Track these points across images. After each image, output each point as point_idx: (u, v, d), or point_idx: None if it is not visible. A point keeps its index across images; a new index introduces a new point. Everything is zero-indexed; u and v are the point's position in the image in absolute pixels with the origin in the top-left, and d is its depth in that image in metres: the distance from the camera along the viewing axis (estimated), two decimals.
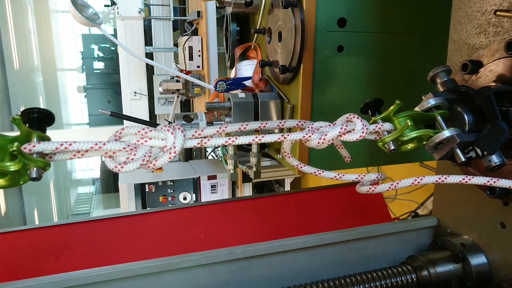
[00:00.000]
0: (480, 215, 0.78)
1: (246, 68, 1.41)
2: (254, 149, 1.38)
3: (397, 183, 0.61)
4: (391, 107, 0.59)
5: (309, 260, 0.84)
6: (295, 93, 1.18)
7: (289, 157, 0.62)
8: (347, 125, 0.57)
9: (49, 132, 0.47)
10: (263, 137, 0.54)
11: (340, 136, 0.57)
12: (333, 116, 1.22)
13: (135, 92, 3.71)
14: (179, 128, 0.51)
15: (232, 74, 1.51)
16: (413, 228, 0.90)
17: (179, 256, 0.74)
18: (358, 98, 1.20)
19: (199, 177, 3.24)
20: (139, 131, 0.49)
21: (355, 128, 0.57)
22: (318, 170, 0.63)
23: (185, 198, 3.22)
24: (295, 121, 0.61)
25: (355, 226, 0.89)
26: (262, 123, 0.58)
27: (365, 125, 0.57)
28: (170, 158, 0.50)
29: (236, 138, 0.53)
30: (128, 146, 0.49)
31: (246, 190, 3.38)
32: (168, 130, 0.50)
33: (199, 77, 2.73)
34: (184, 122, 1.21)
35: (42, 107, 0.48)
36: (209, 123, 1.25)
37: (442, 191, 0.90)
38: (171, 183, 3.19)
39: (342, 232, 0.85)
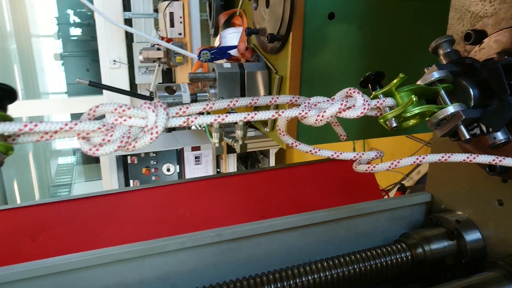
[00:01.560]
0: (477, 192, 0.76)
1: (231, 37, 1.34)
2: (240, 121, 1.33)
3: (398, 162, 0.57)
4: (394, 81, 0.54)
5: (299, 239, 0.81)
6: (284, 64, 1.12)
7: (283, 135, 0.57)
8: (347, 101, 0.52)
9: (26, 102, 0.42)
10: (255, 114, 0.49)
11: (340, 112, 0.52)
12: (323, 89, 1.17)
13: (114, 61, 3.57)
14: (161, 105, 0.45)
15: (216, 43, 1.43)
16: (406, 204, 0.88)
17: (164, 239, 0.70)
18: (350, 68, 1.15)
19: (183, 148, 3.18)
20: (116, 109, 0.44)
21: (356, 104, 0.52)
22: (314, 149, 0.59)
23: (168, 170, 3.17)
24: (288, 97, 0.56)
25: (346, 203, 0.86)
26: (253, 99, 0.53)
27: (367, 101, 0.52)
28: (151, 139, 0.45)
29: (226, 116, 0.48)
30: (104, 126, 0.43)
31: (231, 161, 3.34)
32: (149, 107, 0.45)
33: (181, 45, 2.62)
34: (167, 94, 1.14)
35: (17, 75, 0.41)
36: (193, 95, 1.19)
37: (436, 167, 0.88)
38: (154, 155, 3.13)
39: (333, 210, 0.81)
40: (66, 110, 4.77)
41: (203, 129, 3.41)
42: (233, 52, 1.28)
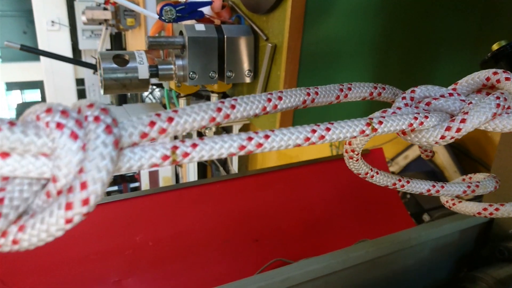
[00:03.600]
0: None
1: None
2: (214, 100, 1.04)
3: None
4: None
5: None
6: (279, 27, 0.83)
7: (356, 160, 0.29)
8: (504, 98, 0.25)
9: None
10: (336, 129, 0.20)
11: (492, 119, 0.25)
12: (327, 61, 0.89)
13: (53, 22, 3.06)
14: (96, 118, 0.16)
15: None
16: (457, 229, 0.63)
17: None
18: (362, 35, 0.88)
19: None
20: None
21: None
22: (400, 180, 0.31)
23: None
24: (367, 86, 0.28)
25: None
26: (312, 88, 0.24)
27: None
28: (68, 221, 0.15)
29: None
30: None
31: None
32: (59, 126, 0.15)
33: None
34: (116, 66, 0.82)
35: None
36: (153, 68, 0.87)
37: (502, 174, 0.64)
38: None
39: (370, 247, 0.56)
40: None
41: (158, 101, 3.04)
42: (206, 10, 0.96)
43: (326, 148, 2.20)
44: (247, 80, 0.92)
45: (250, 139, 0.19)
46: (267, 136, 0.20)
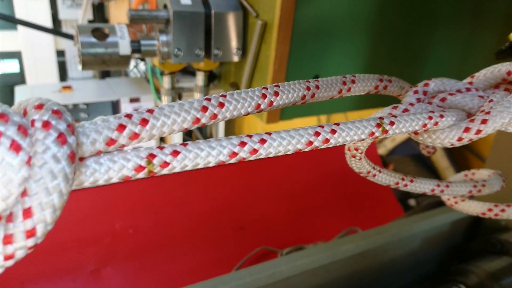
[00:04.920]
0: None
1: None
2: (200, 81, 1.00)
3: None
4: None
5: (309, 282, 0.53)
6: (270, 3, 0.78)
7: (359, 158, 0.26)
8: None
9: None
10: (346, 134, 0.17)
11: None
12: (319, 42, 0.85)
13: None
14: (46, 126, 0.12)
15: None
16: (448, 221, 0.62)
17: None
18: (356, 15, 0.84)
19: (119, 99, 2.72)
20: None
21: None
22: (404, 179, 0.29)
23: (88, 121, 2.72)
24: (372, 78, 0.25)
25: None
26: (314, 82, 0.20)
27: None
28: (11, 257, 0.12)
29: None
30: None
31: None
32: None
33: None
34: (94, 41, 0.77)
35: None
36: (135, 43, 0.82)
37: (495, 165, 0.62)
38: (85, 106, 2.65)
39: (360, 240, 0.54)
40: None
41: (143, 75, 2.95)
42: None
43: None
44: (235, 58, 0.87)
45: (243, 144, 0.16)
46: (263, 141, 0.16)
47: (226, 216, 0.69)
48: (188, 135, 3.24)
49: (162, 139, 2.85)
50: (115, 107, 2.71)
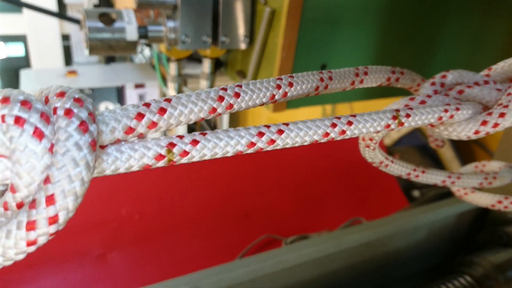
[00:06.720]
0: None
1: None
2: (207, 68, 0.99)
3: None
4: None
5: (314, 271, 0.53)
6: None
7: (373, 149, 0.26)
8: None
9: None
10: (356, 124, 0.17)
11: None
12: (327, 29, 0.85)
13: None
14: (68, 113, 0.12)
15: None
16: (455, 212, 0.62)
17: None
18: (366, 3, 0.83)
19: (124, 85, 2.72)
20: None
21: None
22: (415, 170, 0.29)
23: (107, 109, 2.73)
24: (384, 70, 0.24)
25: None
26: (327, 73, 0.20)
27: None
28: (33, 243, 0.12)
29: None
30: None
31: None
32: (20, 123, 0.11)
33: None
34: (101, 26, 0.76)
35: None
36: (142, 28, 0.82)
37: (504, 158, 0.61)
38: (90, 91, 2.65)
39: (366, 230, 0.54)
40: None
41: (150, 63, 2.94)
42: None
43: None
44: (243, 46, 0.86)
45: (261, 134, 0.16)
46: (280, 131, 0.16)
47: (231, 204, 0.69)
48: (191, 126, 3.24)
49: (165, 131, 2.85)
50: (120, 92, 2.71)
